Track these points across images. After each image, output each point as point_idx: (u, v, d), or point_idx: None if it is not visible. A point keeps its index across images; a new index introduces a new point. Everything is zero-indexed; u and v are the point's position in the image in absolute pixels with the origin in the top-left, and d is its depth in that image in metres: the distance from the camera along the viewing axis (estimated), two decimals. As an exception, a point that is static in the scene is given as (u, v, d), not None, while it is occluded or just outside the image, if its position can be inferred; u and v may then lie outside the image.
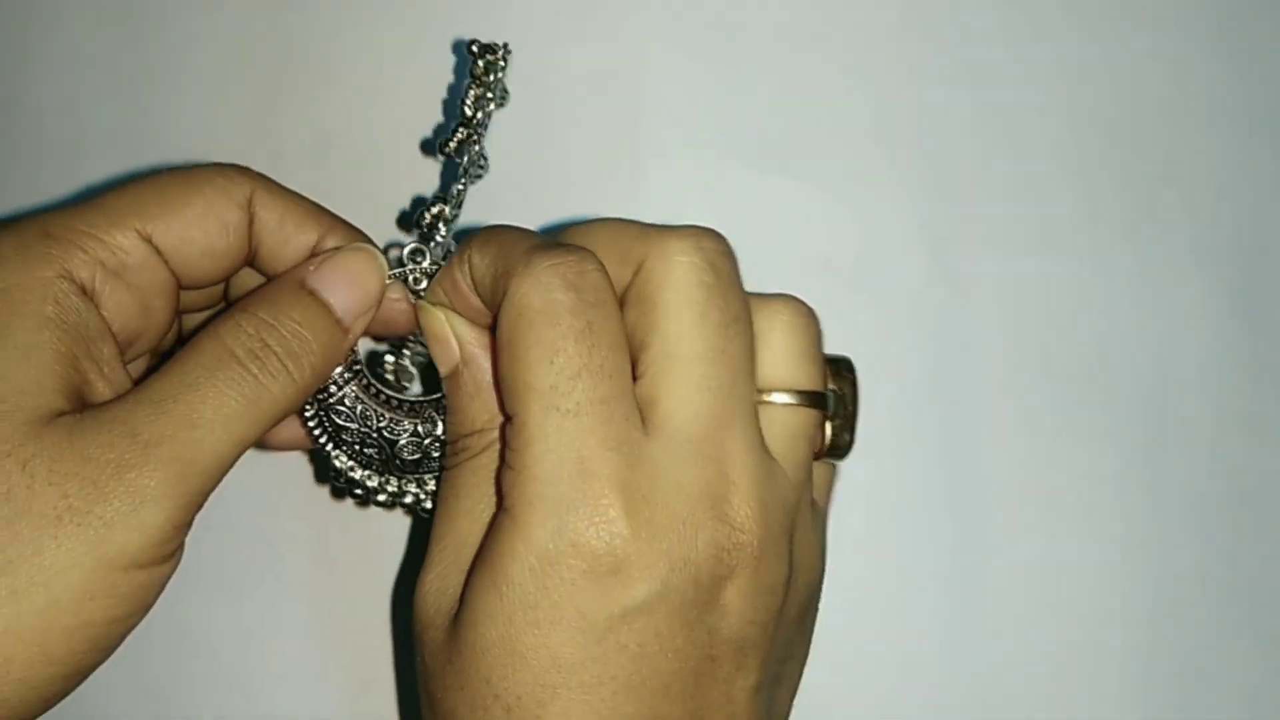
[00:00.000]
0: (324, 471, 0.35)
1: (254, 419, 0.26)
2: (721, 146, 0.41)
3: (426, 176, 0.40)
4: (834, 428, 0.29)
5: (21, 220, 0.26)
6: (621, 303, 0.28)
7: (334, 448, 0.31)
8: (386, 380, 0.33)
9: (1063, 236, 0.42)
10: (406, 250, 0.30)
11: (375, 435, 0.31)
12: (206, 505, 0.37)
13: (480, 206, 0.40)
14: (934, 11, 0.42)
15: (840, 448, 0.30)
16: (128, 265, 0.26)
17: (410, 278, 0.30)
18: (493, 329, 0.28)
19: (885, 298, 0.41)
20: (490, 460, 0.28)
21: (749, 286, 0.39)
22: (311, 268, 0.28)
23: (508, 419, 0.26)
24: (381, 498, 0.32)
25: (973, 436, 0.41)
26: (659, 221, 0.39)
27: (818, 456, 0.30)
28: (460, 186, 0.31)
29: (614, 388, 0.25)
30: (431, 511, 0.31)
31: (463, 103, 0.31)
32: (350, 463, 0.31)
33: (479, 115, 0.32)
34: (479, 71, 0.31)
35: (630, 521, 0.25)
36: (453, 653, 0.26)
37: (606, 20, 0.41)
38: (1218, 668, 0.41)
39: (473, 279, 0.28)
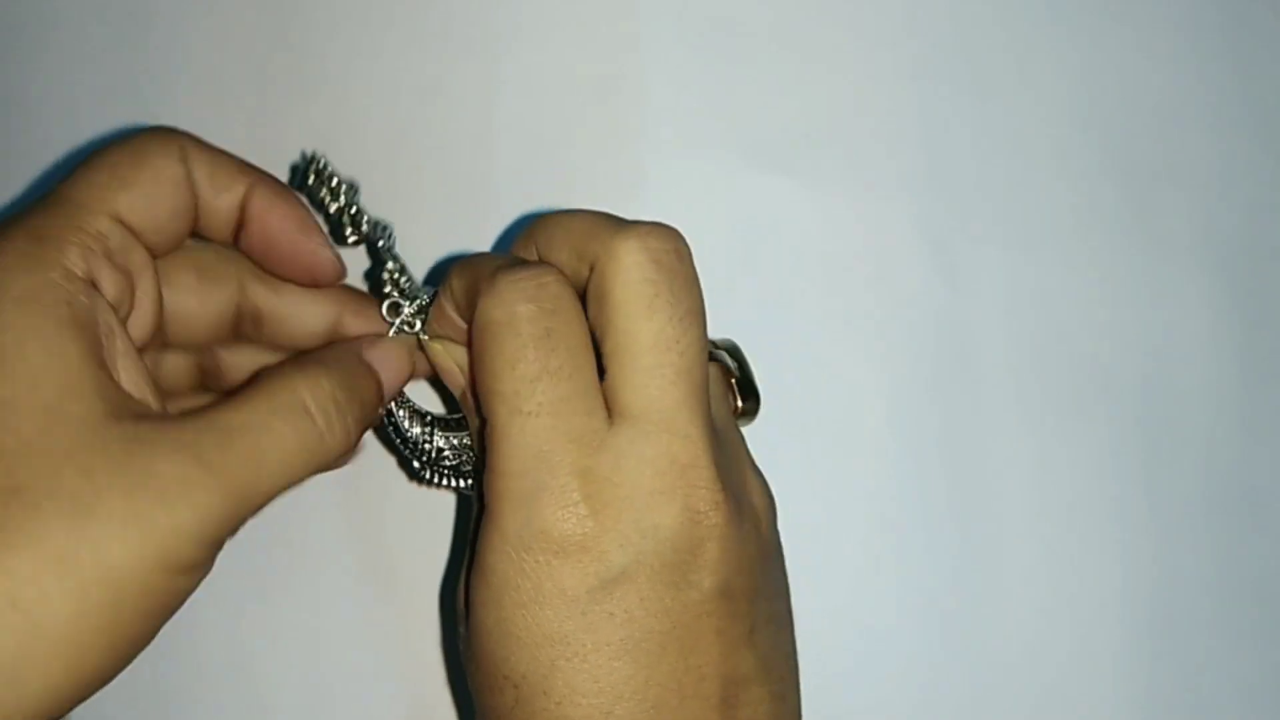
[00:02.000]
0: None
1: (307, 466, 0.28)
2: (721, 146, 0.41)
3: (425, 176, 0.40)
4: (740, 388, 0.33)
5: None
6: (584, 299, 0.30)
7: (462, 482, 0.34)
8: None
9: (1063, 236, 0.42)
10: (385, 307, 0.33)
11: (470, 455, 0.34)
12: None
13: (481, 205, 0.40)
14: (935, 11, 0.42)
15: (750, 406, 0.33)
16: (112, 250, 0.27)
17: (403, 325, 0.33)
18: None
19: (885, 297, 0.41)
20: None
21: (757, 287, 0.40)
22: (367, 345, 0.31)
23: (483, 424, 0.29)
24: None
25: (972, 435, 0.41)
26: (661, 220, 0.40)
27: (737, 416, 0.33)
28: (386, 246, 0.34)
29: (573, 387, 0.28)
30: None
31: (323, 204, 0.34)
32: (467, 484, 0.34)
33: (343, 202, 0.34)
34: (315, 185, 0.33)
35: (590, 502, 0.27)
36: (469, 641, 0.29)
37: (607, 21, 0.41)
38: (1217, 667, 0.41)
39: (455, 303, 0.31)
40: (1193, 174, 0.42)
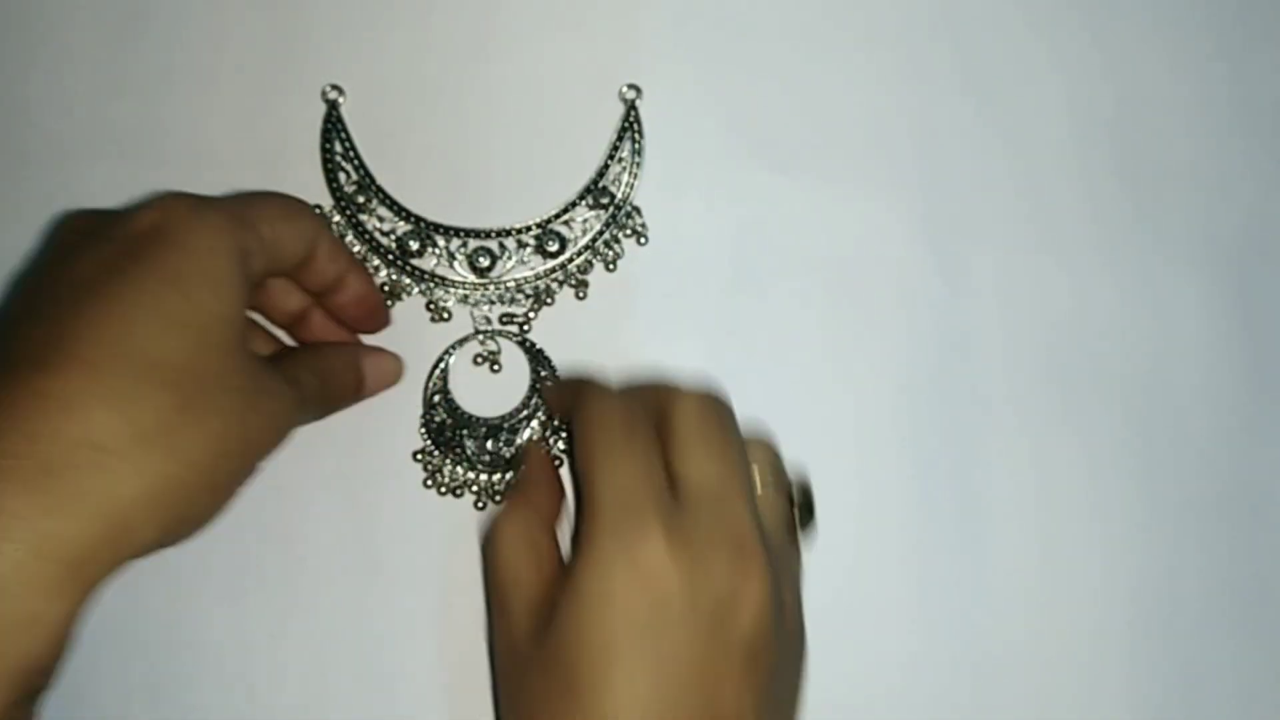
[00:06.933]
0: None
1: (315, 412, 0.38)
2: (721, 146, 0.41)
3: (425, 175, 0.40)
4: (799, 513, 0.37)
5: (200, 198, 0.33)
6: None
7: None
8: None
9: (1063, 236, 0.42)
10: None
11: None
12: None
13: (480, 205, 0.40)
14: (935, 11, 0.42)
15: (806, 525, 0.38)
16: (253, 252, 0.34)
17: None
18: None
19: (885, 297, 0.41)
20: None
21: (756, 287, 0.41)
22: (365, 353, 0.40)
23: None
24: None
25: (972, 434, 0.41)
26: (661, 221, 0.40)
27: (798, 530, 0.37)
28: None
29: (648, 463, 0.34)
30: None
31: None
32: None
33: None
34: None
35: (670, 550, 0.32)
36: (543, 632, 0.33)
37: (607, 21, 0.41)
38: (1217, 666, 0.41)
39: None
40: (1193, 174, 0.42)
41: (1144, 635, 0.41)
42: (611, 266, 0.40)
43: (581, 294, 0.40)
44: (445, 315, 0.40)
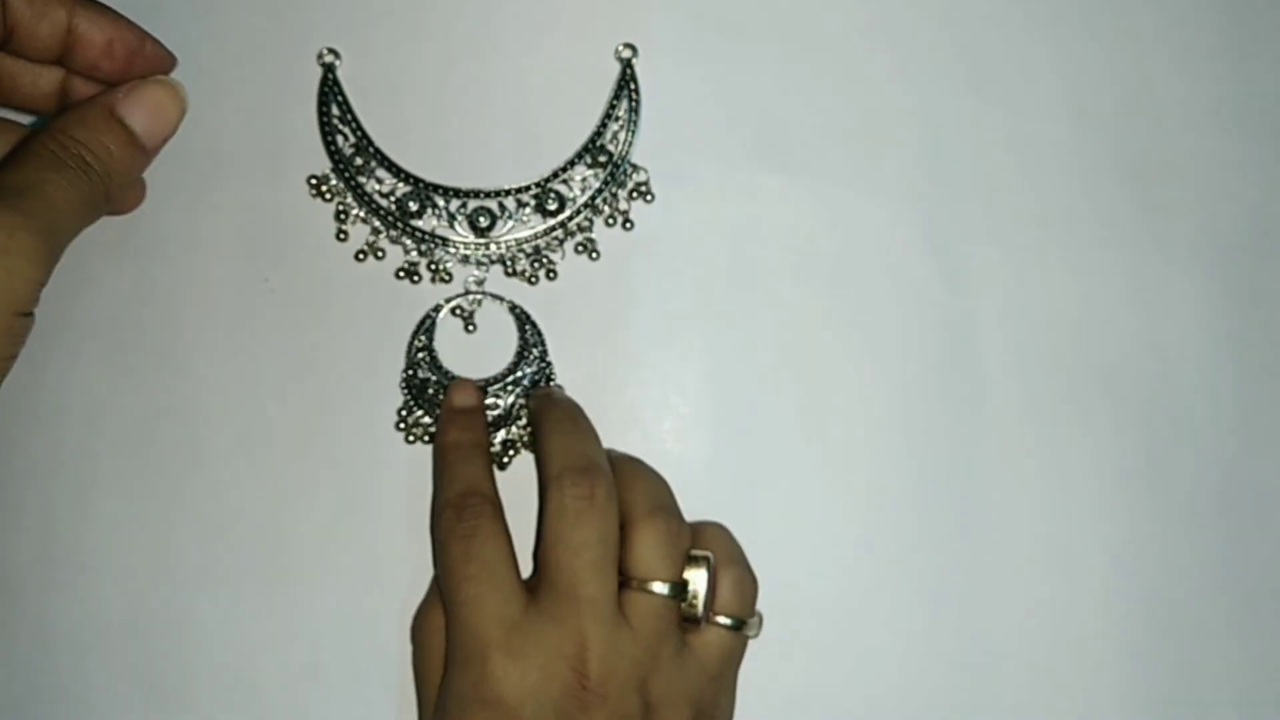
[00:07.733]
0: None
1: (89, 210, 0.32)
2: (720, 145, 0.41)
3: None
4: (685, 610, 0.36)
5: None
6: None
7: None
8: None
9: (1063, 236, 0.42)
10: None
11: None
12: (215, 505, 0.39)
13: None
14: (935, 11, 0.42)
15: (691, 619, 0.36)
16: None
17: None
18: None
19: (885, 297, 0.41)
20: None
21: (757, 287, 0.41)
22: (121, 95, 0.33)
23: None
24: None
25: (972, 434, 0.41)
26: (659, 224, 0.41)
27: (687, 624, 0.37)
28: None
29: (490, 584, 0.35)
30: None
31: None
32: None
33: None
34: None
35: (504, 669, 0.34)
36: None
37: (607, 20, 0.41)
38: (1217, 665, 0.41)
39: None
40: (1193, 173, 0.42)
41: (1144, 635, 0.41)
42: (610, 221, 0.40)
43: (594, 255, 0.40)
44: (446, 277, 0.40)
